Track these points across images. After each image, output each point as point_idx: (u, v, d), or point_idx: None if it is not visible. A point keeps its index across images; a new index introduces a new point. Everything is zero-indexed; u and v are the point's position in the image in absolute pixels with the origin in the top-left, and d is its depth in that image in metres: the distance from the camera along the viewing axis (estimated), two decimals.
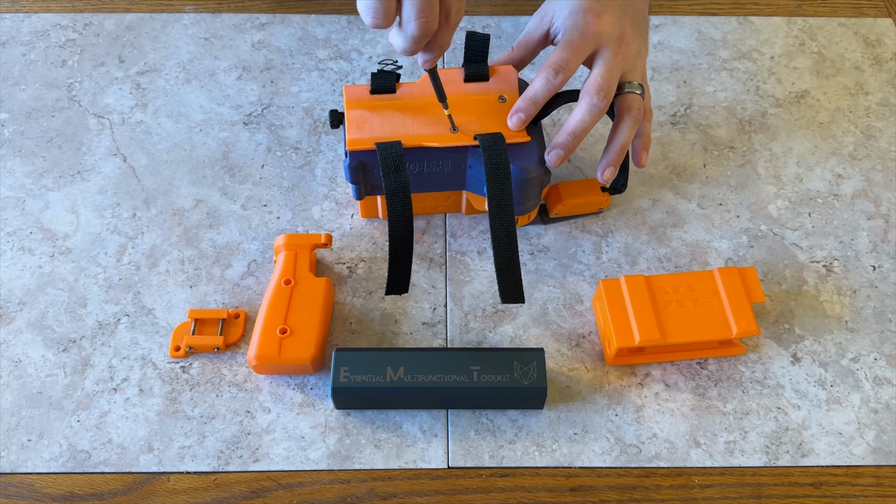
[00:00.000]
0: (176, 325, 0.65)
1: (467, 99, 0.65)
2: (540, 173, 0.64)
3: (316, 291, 0.64)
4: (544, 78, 0.62)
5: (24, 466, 0.59)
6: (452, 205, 0.71)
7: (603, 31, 0.62)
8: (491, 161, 0.61)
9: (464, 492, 0.59)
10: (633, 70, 0.64)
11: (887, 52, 0.84)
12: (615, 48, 0.62)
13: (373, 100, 0.65)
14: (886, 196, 0.74)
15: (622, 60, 0.63)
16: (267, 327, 0.62)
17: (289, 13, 0.86)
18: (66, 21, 0.84)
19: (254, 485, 0.59)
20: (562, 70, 0.62)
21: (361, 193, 0.67)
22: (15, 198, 0.72)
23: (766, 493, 0.59)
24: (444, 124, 0.63)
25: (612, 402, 0.62)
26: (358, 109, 0.64)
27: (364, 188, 0.66)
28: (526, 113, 0.63)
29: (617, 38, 0.62)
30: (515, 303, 0.62)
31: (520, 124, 0.63)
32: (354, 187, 0.66)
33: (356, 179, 0.65)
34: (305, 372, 0.63)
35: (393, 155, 0.60)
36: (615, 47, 0.62)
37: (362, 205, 0.70)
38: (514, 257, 0.62)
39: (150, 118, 0.78)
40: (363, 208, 0.70)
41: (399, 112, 0.64)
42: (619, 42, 0.62)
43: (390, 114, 0.64)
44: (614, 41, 0.62)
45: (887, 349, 0.65)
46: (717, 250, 0.70)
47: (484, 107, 0.65)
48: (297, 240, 0.66)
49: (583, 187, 0.70)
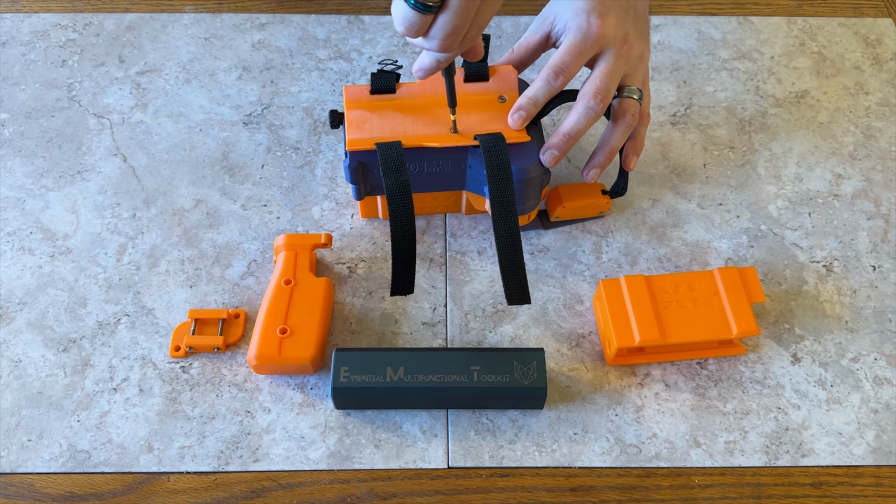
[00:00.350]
0: (176, 325, 0.65)
1: (467, 99, 0.64)
2: (540, 173, 0.63)
3: (316, 291, 0.64)
4: (544, 79, 0.62)
5: (24, 466, 0.59)
6: (452, 205, 0.71)
7: (606, 34, 0.61)
8: (492, 162, 0.61)
9: (464, 492, 0.59)
10: (635, 73, 0.64)
11: (887, 52, 0.84)
12: (618, 50, 0.62)
13: (373, 100, 0.65)
14: (886, 196, 0.74)
15: (624, 63, 0.62)
16: (267, 327, 0.62)
17: (289, 13, 0.86)
18: (66, 21, 0.84)
19: (254, 485, 0.59)
20: (562, 73, 0.61)
21: (361, 194, 0.67)
22: (15, 198, 0.72)
23: (766, 493, 0.59)
24: (444, 124, 0.63)
25: (612, 402, 0.62)
26: (358, 110, 0.64)
27: (364, 188, 0.66)
28: (526, 112, 0.63)
29: (620, 41, 0.62)
30: (521, 303, 0.62)
31: (520, 123, 0.63)
32: (354, 187, 0.66)
33: (356, 180, 0.65)
34: (305, 372, 0.63)
35: (393, 155, 0.60)
36: (618, 49, 0.62)
37: (362, 205, 0.70)
38: (519, 258, 0.61)
39: (150, 118, 0.78)
40: (363, 208, 0.70)
41: (399, 112, 0.64)
42: (622, 44, 0.62)
43: (390, 114, 0.64)
44: (617, 43, 0.62)
45: (887, 349, 0.65)
46: (717, 250, 0.70)
47: (484, 107, 0.65)
48: (297, 240, 0.66)
49: (583, 190, 0.70)
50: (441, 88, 0.62)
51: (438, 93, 0.64)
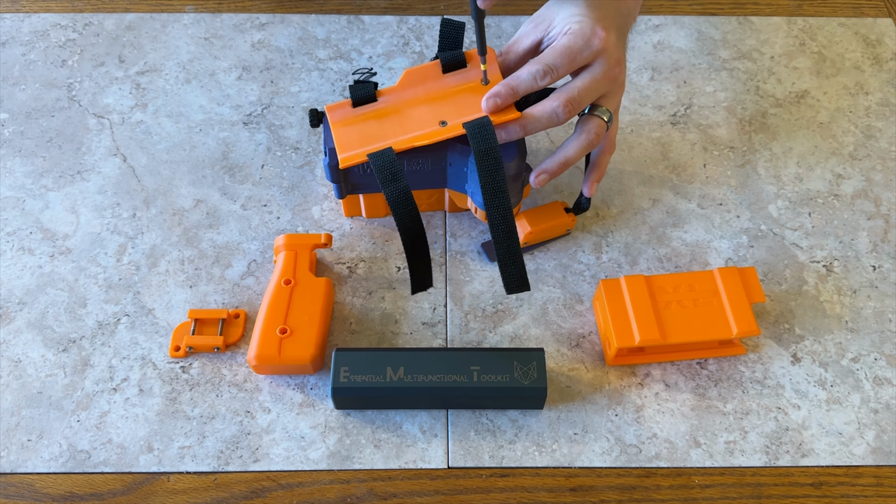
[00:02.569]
0: (176, 325, 0.65)
1: (449, 91, 0.63)
2: (519, 170, 0.63)
3: (316, 291, 0.64)
4: (531, 74, 0.60)
5: (24, 466, 0.59)
6: (436, 203, 0.71)
7: (607, 48, 0.59)
8: (479, 148, 0.59)
9: (464, 492, 0.59)
10: (613, 97, 0.62)
11: (887, 52, 0.84)
12: (608, 68, 0.60)
13: (357, 113, 0.63)
14: (886, 196, 0.74)
15: (608, 83, 0.61)
16: (267, 327, 0.62)
17: (289, 13, 0.86)
18: (66, 21, 0.84)
19: (254, 485, 0.59)
20: (550, 73, 0.59)
21: (343, 192, 0.67)
22: (15, 198, 0.72)
23: (766, 493, 0.59)
24: (430, 121, 0.62)
25: (612, 402, 0.62)
26: (343, 128, 0.63)
27: (346, 187, 0.67)
28: (502, 100, 0.60)
29: (614, 60, 0.60)
30: (521, 291, 0.61)
31: (493, 109, 0.61)
32: (336, 186, 0.66)
33: (337, 179, 0.65)
34: (305, 372, 0.63)
35: (388, 163, 0.59)
36: (608, 68, 0.60)
37: (345, 203, 0.70)
38: (515, 245, 0.60)
39: (150, 118, 0.77)
40: (346, 207, 0.70)
41: (385, 118, 0.63)
42: (615, 65, 0.60)
43: (375, 123, 0.63)
44: (611, 62, 0.60)
45: (887, 349, 0.65)
46: (717, 250, 0.70)
47: (468, 94, 0.63)
48: (297, 240, 0.66)
49: (546, 212, 0.69)
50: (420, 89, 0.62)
51: (418, 93, 0.63)
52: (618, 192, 0.73)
